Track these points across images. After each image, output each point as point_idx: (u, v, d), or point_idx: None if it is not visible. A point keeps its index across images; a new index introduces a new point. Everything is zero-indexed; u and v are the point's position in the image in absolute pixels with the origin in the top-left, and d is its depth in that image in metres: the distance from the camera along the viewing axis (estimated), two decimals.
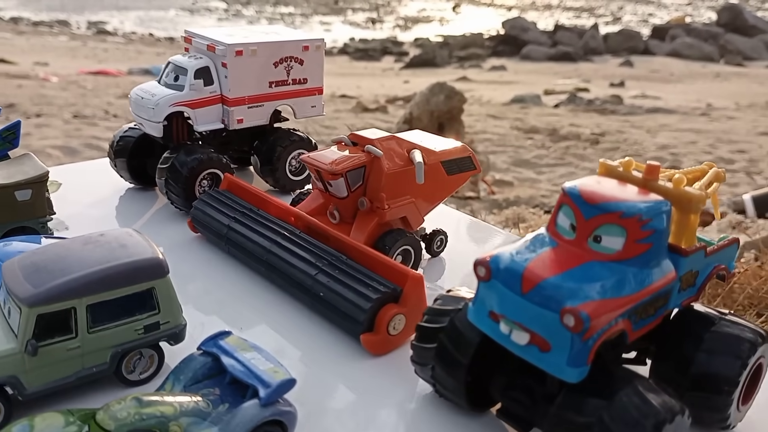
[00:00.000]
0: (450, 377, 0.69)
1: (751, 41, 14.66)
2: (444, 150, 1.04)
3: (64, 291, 0.67)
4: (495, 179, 4.67)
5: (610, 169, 0.70)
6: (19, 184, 0.95)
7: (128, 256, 0.71)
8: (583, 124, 6.97)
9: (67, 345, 0.68)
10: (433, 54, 13.24)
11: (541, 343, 0.59)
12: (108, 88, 7.07)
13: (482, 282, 0.64)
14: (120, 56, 11.05)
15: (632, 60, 13.41)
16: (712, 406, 0.68)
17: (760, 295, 1.80)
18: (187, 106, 1.16)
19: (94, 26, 15.98)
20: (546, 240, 0.65)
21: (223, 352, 0.70)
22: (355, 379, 0.80)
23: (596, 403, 0.59)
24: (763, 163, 5.72)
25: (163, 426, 0.60)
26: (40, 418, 0.61)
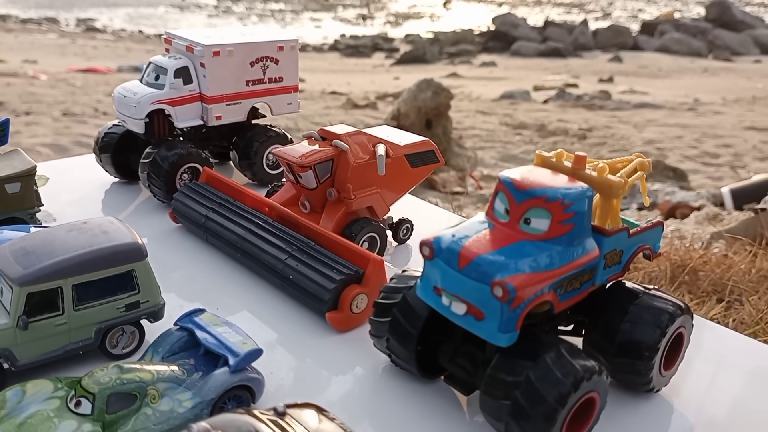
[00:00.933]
0: (402, 347, 0.77)
1: (739, 36, 14.74)
2: (407, 144, 1.12)
3: (51, 272, 0.74)
4: (483, 174, 4.73)
5: (545, 159, 0.78)
6: (9, 178, 1.02)
7: (109, 241, 0.79)
8: (572, 119, 7.02)
9: (54, 321, 0.75)
10: (423, 50, 13.27)
11: (476, 312, 0.67)
12: (97, 86, 7.06)
13: (427, 260, 0.71)
14: (109, 53, 11.01)
15: (621, 55, 13.45)
16: (635, 371, 0.75)
17: (722, 281, 1.88)
18: (168, 104, 1.23)
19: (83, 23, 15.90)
20: (484, 222, 0.73)
21: (197, 327, 0.77)
22: (321, 352, 0.87)
23: (524, 364, 0.66)
24: (747, 157, 5.80)
25: (141, 390, 0.68)
26: (32, 384, 0.69)
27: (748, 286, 1.88)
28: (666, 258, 2.01)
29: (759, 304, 1.74)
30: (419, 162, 1.13)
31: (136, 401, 0.67)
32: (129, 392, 0.67)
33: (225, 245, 1.06)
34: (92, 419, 0.65)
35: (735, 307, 1.79)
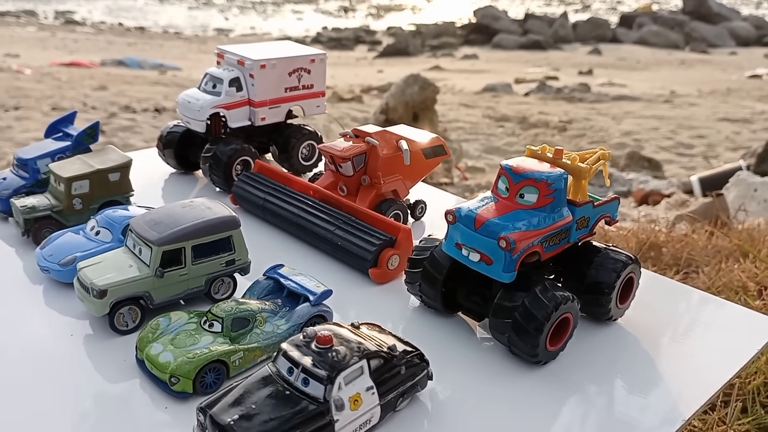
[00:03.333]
0: (431, 289, 1.06)
1: (716, 29, 15.04)
2: (423, 140, 1.40)
3: (178, 236, 1.02)
4: (467, 166, 4.97)
5: (533, 152, 1.07)
6: (112, 168, 1.30)
7: (214, 214, 1.07)
8: (552, 111, 7.24)
9: (179, 272, 1.03)
10: (406, 43, 13.43)
11: (487, 259, 0.96)
12: (83, 80, 7.17)
13: (450, 224, 1.00)
14: (91, 47, 11.00)
15: (600, 48, 13.68)
16: (598, 304, 1.05)
17: (682, 256, 2.19)
18: (224, 108, 1.51)
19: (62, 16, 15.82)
20: (490, 198, 1.02)
21: (281, 276, 1.06)
22: (365, 297, 1.16)
23: (520, 294, 0.95)
24: (720, 147, 6.06)
25: (252, 316, 0.96)
26: (173, 313, 0.97)
27: (704, 259, 2.19)
28: (634, 236, 2.32)
29: (711, 273, 2.05)
30: (432, 154, 1.41)
31: (249, 324, 0.95)
32: (244, 317, 0.95)
33: (281, 221, 1.34)
34: (222, 335, 0.93)
35: (691, 276, 2.10)
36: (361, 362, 0.81)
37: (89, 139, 1.42)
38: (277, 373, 0.82)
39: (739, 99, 8.43)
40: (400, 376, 0.86)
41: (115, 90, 6.80)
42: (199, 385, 0.88)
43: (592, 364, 1.01)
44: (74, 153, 1.38)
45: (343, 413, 0.78)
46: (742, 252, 2.15)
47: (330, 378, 0.78)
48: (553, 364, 0.99)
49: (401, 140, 1.35)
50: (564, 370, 0.99)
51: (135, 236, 1.04)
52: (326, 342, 0.81)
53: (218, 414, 0.77)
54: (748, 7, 20.94)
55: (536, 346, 0.94)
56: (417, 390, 0.89)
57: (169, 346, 0.91)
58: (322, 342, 0.81)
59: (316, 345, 0.81)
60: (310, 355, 0.80)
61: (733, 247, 2.20)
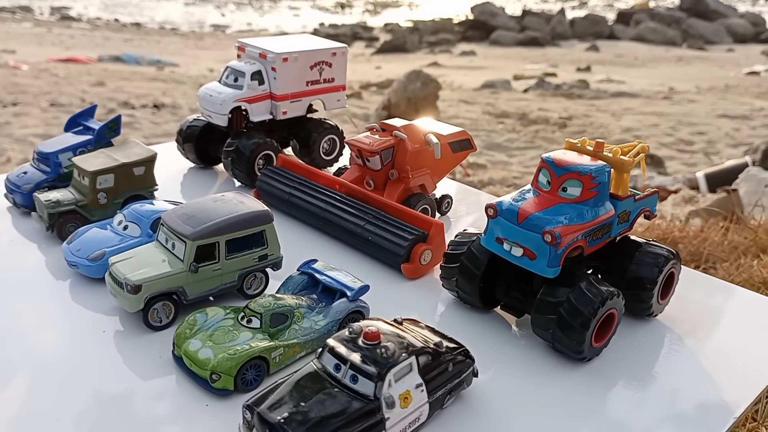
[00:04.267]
0: (469, 284, 1.04)
1: (713, 25, 15.05)
2: (450, 133, 1.38)
3: (212, 230, 1.00)
4: (469, 162, 4.95)
5: (572, 145, 1.05)
6: (137, 162, 1.28)
7: (247, 209, 1.04)
8: (552, 108, 7.23)
9: (213, 267, 1.01)
10: (403, 39, 13.40)
11: (530, 254, 0.94)
12: (80, 76, 7.16)
13: (491, 218, 0.98)
14: (87, 43, 10.96)
15: (598, 45, 13.68)
16: (640, 299, 1.03)
17: (699, 251, 2.17)
18: (245, 101, 1.48)
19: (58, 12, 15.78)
20: (530, 191, 1.00)
21: (316, 272, 1.04)
22: (398, 293, 1.14)
23: (564, 290, 0.94)
24: (720, 143, 6.07)
25: (291, 312, 0.94)
26: (209, 309, 0.95)
27: (721, 254, 2.18)
28: (650, 233, 2.31)
29: (730, 269, 2.04)
30: (458, 148, 1.39)
31: (287, 320, 0.93)
32: (283, 313, 0.93)
33: (307, 216, 1.32)
34: (261, 331, 0.91)
35: (710, 272, 2.08)
36: (410, 359, 0.79)
37: (111, 132, 1.40)
38: (324, 370, 0.80)
39: (737, 96, 8.44)
40: (447, 373, 0.84)
41: (113, 86, 6.77)
42: (240, 382, 0.86)
43: (636, 360, 0.99)
44: (96, 147, 1.36)
45: (393, 411, 0.76)
46: (760, 247, 2.14)
47: (380, 375, 0.76)
48: (596, 361, 0.98)
49: (429, 134, 1.33)
50: (608, 366, 0.97)
51: (167, 230, 1.02)
52: (374, 338, 0.80)
53: (267, 412, 0.75)
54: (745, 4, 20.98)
55: (582, 342, 0.92)
56: (463, 387, 0.87)
57: (208, 342, 0.89)
58: (369, 338, 0.80)
59: (364, 341, 0.80)
60: (358, 352, 0.78)
61: (749, 243, 2.19)
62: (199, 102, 1.52)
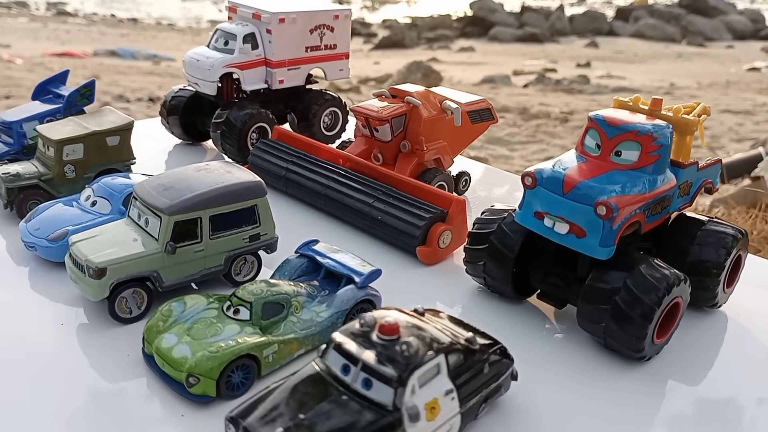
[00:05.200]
0: (499, 269, 0.87)
1: (712, 22, 14.96)
2: (469, 101, 1.22)
3: (193, 203, 0.83)
4: (471, 157, 4.81)
5: (622, 103, 0.88)
6: (111, 131, 1.11)
7: (236, 179, 0.88)
8: (552, 103, 7.12)
9: (194, 248, 0.85)
10: (402, 35, 13.28)
11: (578, 231, 0.78)
12: (75, 70, 7.04)
13: (528, 189, 0.82)
14: (83, 38, 10.88)
15: (597, 41, 13.58)
16: (704, 287, 0.87)
17: None
18: (237, 67, 1.32)
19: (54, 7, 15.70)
20: (576, 157, 0.83)
21: (317, 254, 0.87)
22: (413, 281, 0.97)
23: (620, 275, 0.77)
24: (724, 138, 5.94)
25: (287, 301, 0.77)
26: (189, 297, 0.78)
27: (750, 246, 2.02)
28: None
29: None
30: (478, 118, 1.23)
31: (283, 310, 0.77)
32: (278, 302, 0.77)
33: (307, 194, 1.15)
34: (251, 323, 0.74)
35: None
36: (437, 358, 0.63)
37: (83, 100, 1.23)
38: (328, 372, 0.63)
39: (739, 91, 8.33)
40: (482, 375, 0.67)
41: (108, 80, 6.66)
42: (224, 387, 0.70)
43: (700, 357, 0.83)
44: (66, 115, 1.19)
45: (417, 425, 0.60)
46: None
47: (401, 379, 0.59)
48: (654, 360, 0.81)
49: (446, 100, 1.16)
50: (667, 366, 0.81)
51: (140, 204, 0.85)
52: (392, 331, 0.63)
53: (256, 426, 0.58)
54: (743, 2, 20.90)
55: (642, 338, 0.76)
56: (500, 393, 0.71)
57: (185, 337, 0.72)
58: (386, 331, 0.63)
59: (379, 335, 0.63)
60: (373, 349, 0.62)
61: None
62: (184, 68, 1.36)
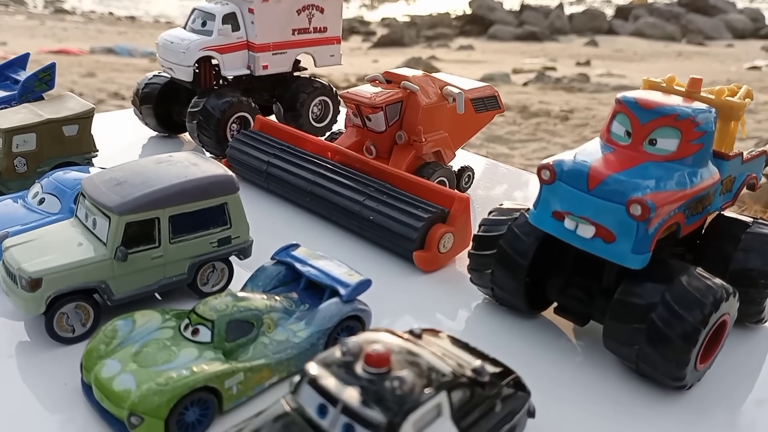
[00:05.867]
0: (510, 279, 0.75)
1: (712, 21, 14.87)
2: (472, 88, 1.09)
3: (149, 201, 0.70)
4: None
5: (653, 84, 0.76)
6: (68, 119, 0.98)
7: (202, 173, 0.75)
8: (552, 101, 7.04)
9: (151, 254, 0.72)
10: (400, 33, 13.20)
11: (606, 234, 0.65)
12: (71, 67, 6.90)
13: (545, 185, 0.69)
14: (80, 35, 10.84)
15: (597, 39, 13.51)
16: (749, 300, 0.74)
17: None
18: (216, 50, 1.19)
19: (51, 5, 15.65)
20: (601, 146, 0.70)
21: (296, 261, 0.74)
22: (410, 291, 0.84)
23: (657, 287, 0.64)
24: None
25: (258, 318, 0.64)
26: (140, 314, 0.65)
27: None
28: None
29: None
30: (483, 107, 1.10)
31: (252, 330, 0.64)
32: (246, 320, 0.64)
33: (291, 191, 1.02)
34: (213, 346, 0.62)
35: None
36: (438, 396, 0.50)
37: (42, 85, 1.10)
38: (300, 413, 0.50)
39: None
40: (494, 415, 0.55)
41: (104, 77, 6.56)
42: (176, 428, 0.57)
43: (746, 384, 0.70)
44: (21, 102, 1.07)
45: None
46: None
47: (392, 426, 0.47)
48: (694, 388, 0.68)
49: (447, 86, 1.04)
50: (709, 395, 0.68)
51: (88, 202, 0.72)
52: (382, 363, 0.50)
53: None
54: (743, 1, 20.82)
55: (684, 364, 0.63)
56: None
57: (130, 364, 0.59)
58: (374, 362, 0.50)
59: (366, 367, 0.50)
60: (357, 385, 0.49)
61: None
62: (157, 52, 1.23)
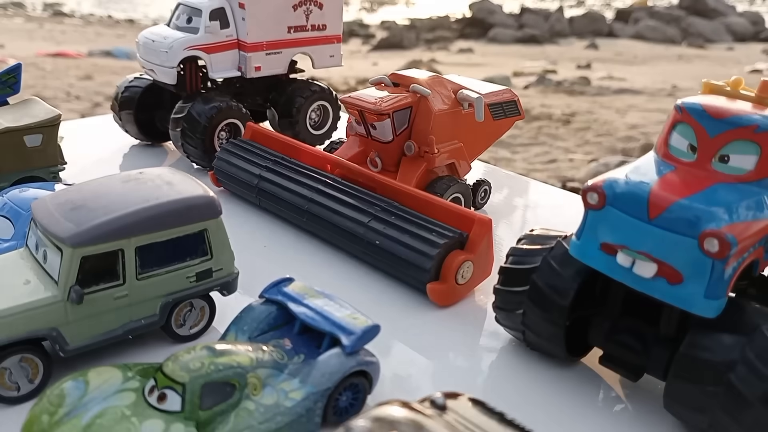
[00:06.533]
0: (546, 322, 0.62)
1: (712, 24, 14.85)
2: (490, 92, 0.97)
3: (110, 230, 0.58)
4: None
5: (715, 87, 0.63)
6: (29, 128, 0.86)
7: (177, 194, 0.63)
8: (554, 104, 6.98)
9: (114, 293, 0.59)
10: (400, 36, 13.16)
11: (671, 274, 0.53)
12: (68, 70, 6.86)
13: (593, 210, 0.57)
14: (78, 38, 10.84)
15: (597, 42, 13.49)
16: None
17: None
18: (203, 50, 1.07)
19: (50, 8, 15.65)
20: (658, 163, 0.58)
21: (289, 300, 0.62)
22: (423, 332, 0.72)
23: (735, 340, 0.52)
24: None
25: (241, 378, 0.52)
26: (95, 372, 0.53)
27: None
28: None
29: None
30: (501, 114, 0.98)
31: (234, 393, 0.52)
32: (226, 381, 0.51)
33: (286, 209, 0.90)
34: (183, 417, 0.49)
35: None
36: None
37: (6, 89, 0.98)
38: None
39: None
40: None
41: (101, 80, 6.49)
42: None
43: None
44: None
45: None
46: None
47: None
48: None
49: (463, 90, 0.92)
50: None
51: (40, 230, 0.60)
52: None
53: None
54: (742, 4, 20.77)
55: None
56: None
57: None
58: None
59: None
60: None
61: None
62: (138, 52, 1.10)
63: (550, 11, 15.86)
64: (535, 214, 1.06)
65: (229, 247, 0.67)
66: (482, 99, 0.88)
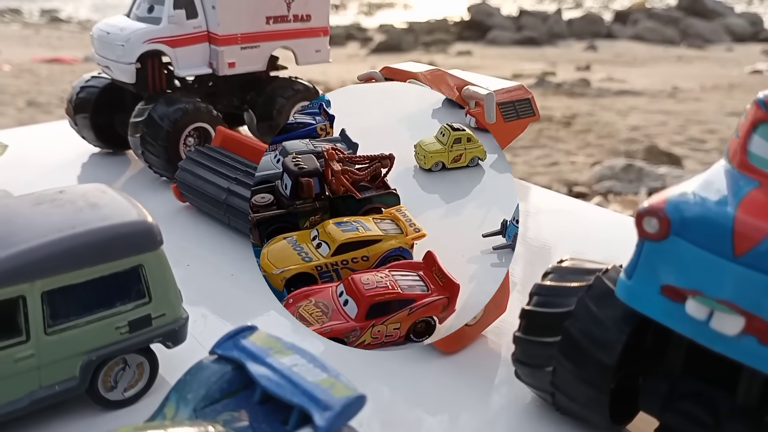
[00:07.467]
0: (584, 384, 0.48)
1: (711, 25, 14.86)
2: (500, 89, 0.83)
3: (8, 270, 0.43)
4: None
5: None
6: None
7: (102, 219, 0.49)
8: (554, 106, 6.96)
9: (14, 353, 0.45)
10: (398, 39, 13.18)
11: (764, 331, 0.38)
12: (63, 76, 6.90)
13: (651, 241, 0.42)
14: (75, 44, 10.94)
15: (596, 44, 13.52)
16: None
17: None
18: (166, 43, 0.93)
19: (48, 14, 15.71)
20: (736, 178, 0.44)
21: (248, 357, 0.47)
22: (425, 385, 0.58)
23: None
24: None
25: None
26: None
27: None
28: None
29: None
30: (513, 114, 0.84)
31: None
32: None
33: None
34: None
35: None
36: None
37: None
38: None
39: (743, 94, 8.22)
40: None
41: None
42: None
43: None
44: None
45: None
46: None
47: None
48: None
49: (469, 86, 0.77)
50: None
51: None
52: None
53: None
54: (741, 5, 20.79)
55: None
56: None
57: None
58: None
59: None
60: None
61: None
62: (93, 47, 0.96)
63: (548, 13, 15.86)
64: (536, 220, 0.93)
65: (174, 285, 0.52)
66: (493, 96, 0.74)
